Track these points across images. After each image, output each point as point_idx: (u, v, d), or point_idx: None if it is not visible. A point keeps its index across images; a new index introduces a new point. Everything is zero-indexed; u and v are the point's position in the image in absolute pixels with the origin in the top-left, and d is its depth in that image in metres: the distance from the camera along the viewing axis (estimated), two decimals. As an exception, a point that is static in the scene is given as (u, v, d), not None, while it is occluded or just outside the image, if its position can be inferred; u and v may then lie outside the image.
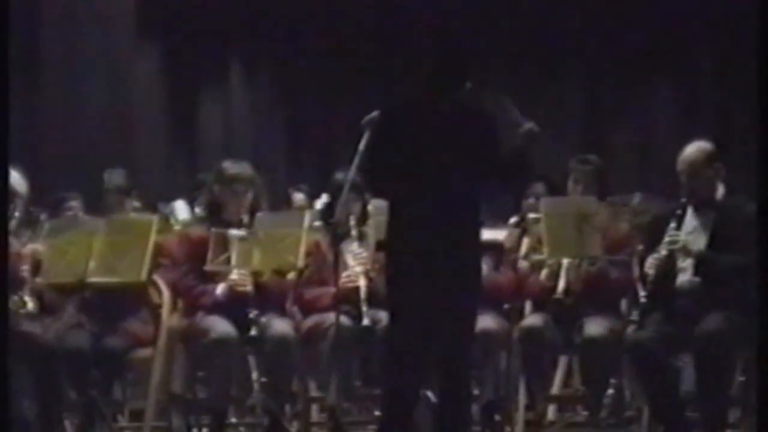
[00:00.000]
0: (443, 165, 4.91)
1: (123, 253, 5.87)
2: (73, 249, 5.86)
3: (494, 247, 6.05)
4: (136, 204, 6.67)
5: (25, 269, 5.93)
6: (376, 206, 6.12)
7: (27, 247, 6.03)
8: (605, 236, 5.91)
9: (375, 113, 5.23)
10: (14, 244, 5.93)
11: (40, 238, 6.16)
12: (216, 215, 6.10)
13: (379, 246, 5.35)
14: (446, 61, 5.02)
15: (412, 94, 5.11)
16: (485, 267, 5.98)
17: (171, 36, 10.08)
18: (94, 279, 5.85)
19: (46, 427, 5.70)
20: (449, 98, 5.01)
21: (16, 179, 6.27)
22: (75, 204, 6.78)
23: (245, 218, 6.01)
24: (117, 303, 6.03)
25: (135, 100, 9.56)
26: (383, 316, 5.80)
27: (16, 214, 6.01)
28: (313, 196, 8.17)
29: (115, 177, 6.38)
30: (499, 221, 6.41)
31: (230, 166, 6.13)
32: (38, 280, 5.95)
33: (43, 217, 6.35)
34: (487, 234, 5.82)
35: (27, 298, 5.99)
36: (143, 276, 5.85)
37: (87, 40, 8.97)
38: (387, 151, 5.00)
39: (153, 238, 5.92)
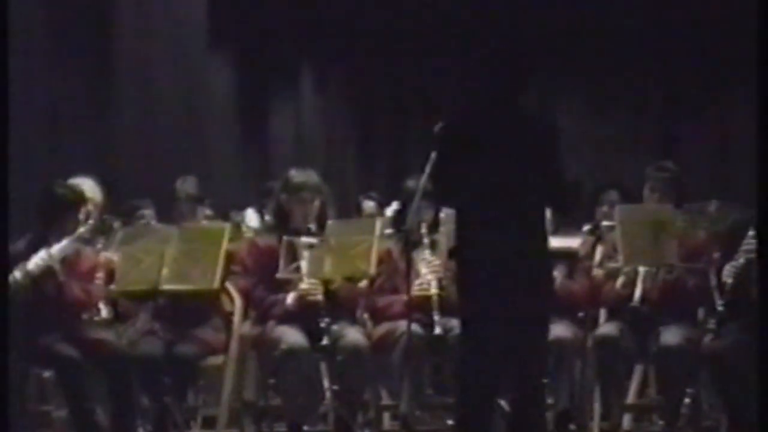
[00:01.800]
0: (508, 172, 4.87)
1: (196, 261, 5.88)
2: (147, 257, 5.88)
3: (568, 255, 5.99)
4: (208, 212, 6.69)
5: (99, 277, 5.97)
6: (449, 214, 6.08)
7: (101, 255, 6.07)
8: (682, 244, 5.83)
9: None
10: (88, 251, 5.98)
11: (114, 246, 6.20)
12: (283, 223, 6.10)
13: (452, 254, 5.31)
14: (509, 69, 4.98)
15: (478, 101, 5.07)
16: (559, 275, 5.96)
17: (242, 44, 10.13)
18: (167, 286, 5.87)
19: (120, 433, 5.73)
20: (513, 106, 4.97)
21: (90, 187, 6.33)
22: (147, 212, 6.81)
23: (312, 226, 6.00)
24: (189, 310, 6.05)
25: (207, 109, 9.61)
26: (455, 324, 5.76)
27: (90, 221, 6.06)
28: (383, 204, 8.16)
29: (187, 185, 6.41)
30: (573, 229, 6.34)
31: (296, 175, 6.12)
32: (112, 287, 5.99)
33: (116, 224, 6.39)
34: (561, 242, 5.77)
35: (101, 306, 6.03)
36: (216, 284, 5.86)
37: (160, 48, 9.03)
38: (452, 159, 4.97)
39: (225, 245, 5.92)
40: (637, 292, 5.84)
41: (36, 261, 5.73)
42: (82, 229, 5.90)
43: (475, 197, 4.91)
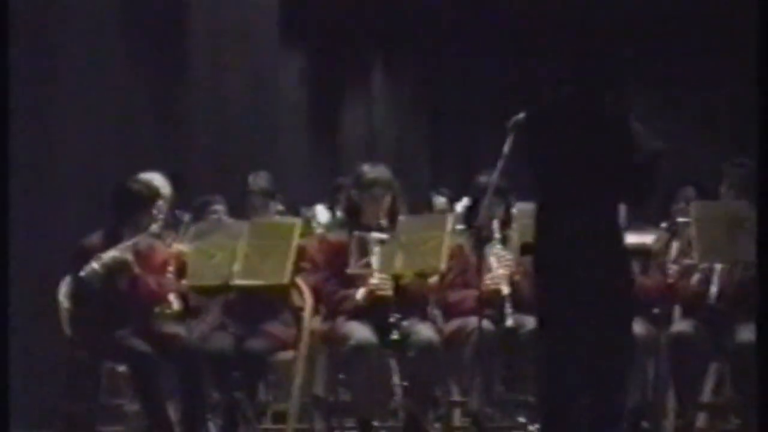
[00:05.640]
0: (586, 167, 4.82)
1: (267, 256, 5.90)
2: (219, 252, 5.91)
3: (641, 251, 5.92)
4: (280, 207, 6.70)
5: (170, 270, 6.01)
6: (521, 209, 6.04)
7: (172, 246, 6.10)
8: (759, 241, 5.72)
9: (520, 115, 5.16)
10: (160, 244, 6.02)
11: (185, 241, 6.23)
12: (355, 219, 6.10)
13: (524, 249, 5.26)
14: (590, 65, 4.92)
15: (556, 97, 5.03)
16: (633, 271, 5.88)
17: (313, 40, 10.14)
18: (238, 282, 5.89)
19: (191, 427, 5.75)
20: (592, 102, 4.92)
21: (160, 182, 6.37)
22: (219, 207, 6.84)
23: (384, 222, 5.99)
24: (260, 305, 6.06)
25: (278, 104, 9.64)
26: (527, 320, 5.73)
27: (161, 216, 6.09)
28: (453, 200, 8.13)
29: (259, 180, 6.42)
30: (646, 225, 6.27)
31: (368, 170, 6.11)
32: (184, 282, 6.02)
33: (186, 218, 6.42)
34: (635, 238, 5.70)
35: (172, 298, 6.07)
36: (286, 279, 5.87)
37: (231, 44, 9.06)
38: (532, 153, 4.93)
39: (296, 241, 5.93)
40: (713, 289, 5.77)
41: (111, 254, 5.77)
42: (154, 226, 5.95)
43: (555, 192, 4.87)
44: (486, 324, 5.66)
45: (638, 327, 5.81)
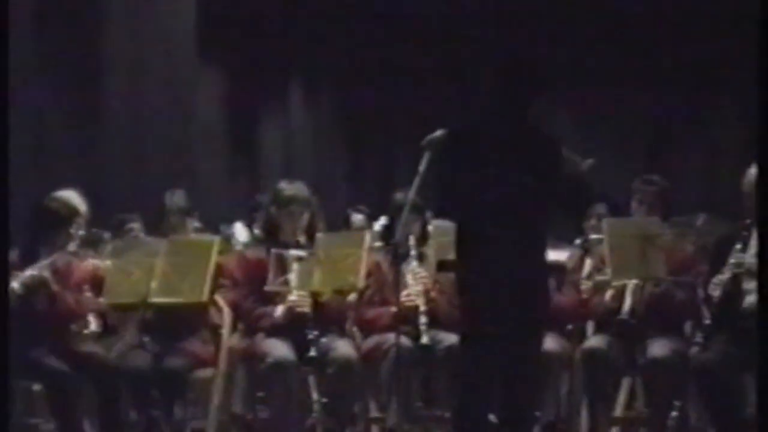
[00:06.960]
0: (511, 186, 4.87)
1: (184, 274, 5.88)
2: (136, 270, 5.88)
3: (556, 268, 6.01)
4: (197, 225, 6.70)
5: (86, 288, 5.97)
6: (437, 227, 6.11)
7: (89, 262, 6.06)
8: (669, 257, 5.85)
9: (436, 134, 5.21)
10: (77, 262, 5.98)
11: (102, 258, 6.20)
12: (273, 236, 6.12)
13: (440, 266, 5.32)
14: (510, 84, 4.99)
15: (475, 115, 5.08)
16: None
17: (231, 58, 10.14)
18: (156, 299, 5.87)
19: (108, 446, 5.72)
20: (514, 120, 4.98)
21: (77, 200, 6.32)
22: (136, 225, 6.81)
23: (302, 239, 6.02)
24: (178, 323, 6.05)
25: (196, 122, 9.62)
26: (444, 337, 5.80)
27: (79, 234, 6.06)
28: (371, 217, 8.18)
29: (176, 198, 6.40)
30: (563, 243, 6.37)
31: (286, 188, 6.14)
32: (101, 300, 5.99)
33: (106, 236, 6.38)
34: (550, 255, 5.79)
35: (90, 318, 6.03)
36: (204, 296, 5.86)
37: (148, 62, 9.04)
38: (453, 172, 4.97)
39: (214, 258, 5.93)
40: (626, 305, 5.86)
41: (29, 273, 5.73)
42: (72, 244, 5.91)
43: (478, 211, 4.91)
44: (403, 341, 5.70)
45: (552, 342, 5.90)
